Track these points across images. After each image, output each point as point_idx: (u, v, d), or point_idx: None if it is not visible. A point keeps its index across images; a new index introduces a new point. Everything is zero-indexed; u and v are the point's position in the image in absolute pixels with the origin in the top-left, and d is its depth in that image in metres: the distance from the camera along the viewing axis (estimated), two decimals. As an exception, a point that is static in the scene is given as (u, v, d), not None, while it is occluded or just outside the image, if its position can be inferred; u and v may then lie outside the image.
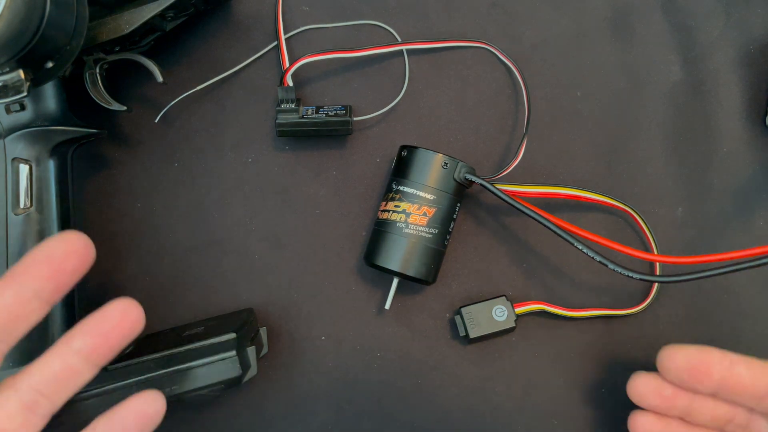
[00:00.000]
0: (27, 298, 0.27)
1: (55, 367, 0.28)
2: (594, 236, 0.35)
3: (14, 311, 0.27)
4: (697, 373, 0.32)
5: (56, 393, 0.28)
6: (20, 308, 0.27)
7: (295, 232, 0.40)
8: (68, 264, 0.27)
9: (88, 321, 0.28)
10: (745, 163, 0.40)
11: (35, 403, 0.28)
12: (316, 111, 0.39)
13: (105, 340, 0.28)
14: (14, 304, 0.27)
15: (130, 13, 0.35)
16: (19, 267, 0.27)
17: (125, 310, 0.29)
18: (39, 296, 0.27)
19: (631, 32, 0.42)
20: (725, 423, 0.33)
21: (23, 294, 0.27)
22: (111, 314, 0.29)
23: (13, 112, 0.35)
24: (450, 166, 0.36)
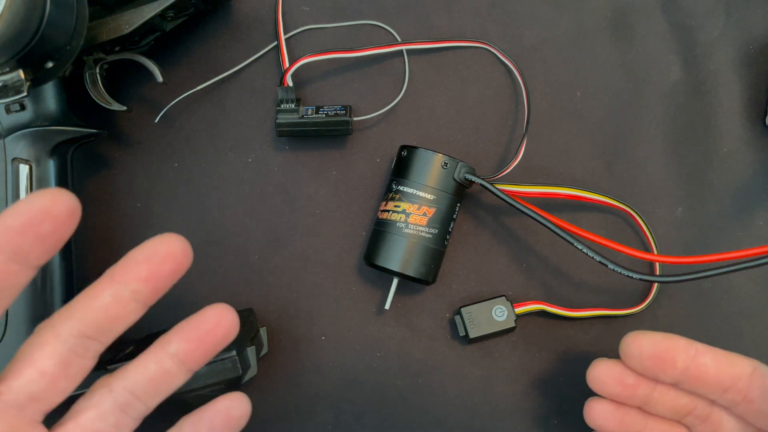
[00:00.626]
0: (125, 300, 0.27)
1: (151, 369, 0.28)
2: (594, 236, 0.35)
3: (112, 312, 0.27)
4: (661, 361, 0.31)
5: (149, 396, 0.28)
6: (118, 309, 0.27)
7: (295, 232, 0.40)
8: (166, 267, 0.26)
9: (184, 325, 0.28)
10: (745, 163, 0.40)
11: (129, 404, 0.28)
12: (316, 111, 0.39)
13: (200, 345, 0.28)
14: (112, 304, 0.27)
15: (130, 13, 0.35)
16: (118, 267, 0.27)
17: (221, 316, 0.28)
18: (136, 298, 0.27)
19: (631, 32, 0.42)
20: (685, 414, 0.33)
21: (121, 295, 0.27)
22: (207, 319, 0.28)
23: (13, 112, 0.35)
24: (450, 166, 0.36)
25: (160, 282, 0.27)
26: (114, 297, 0.26)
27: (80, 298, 0.27)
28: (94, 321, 0.27)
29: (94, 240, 0.40)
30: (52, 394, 0.27)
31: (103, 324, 0.27)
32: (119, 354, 0.35)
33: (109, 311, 0.27)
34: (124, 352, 0.35)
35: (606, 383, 0.32)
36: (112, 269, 0.27)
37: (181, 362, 0.28)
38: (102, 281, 0.27)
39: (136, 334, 0.39)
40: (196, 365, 0.28)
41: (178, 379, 0.28)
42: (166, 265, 0.26)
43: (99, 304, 0.26)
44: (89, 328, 0.27)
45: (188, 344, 0.28)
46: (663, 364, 0.31)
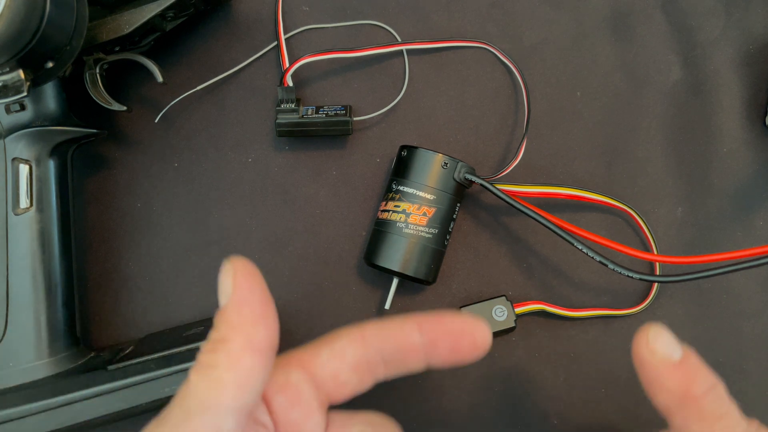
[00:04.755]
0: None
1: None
2: (594, 236, 0.35)
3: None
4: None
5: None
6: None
7: (295, 232, 0.40)
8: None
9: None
10: (745, 163, 0.40)
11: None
12: (316, 111, 0.39)
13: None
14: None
15: (130, 13, 0.35)
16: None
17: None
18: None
19: (631, 32, 0.42)
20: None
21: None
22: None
23: (13, 112, 0.35)
24: (450, 166, 0.36)
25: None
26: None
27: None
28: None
29: (94, 240, 0.40)
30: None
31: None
32: (119, 354, 0.35)
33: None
34: (124, 352, 0.35)
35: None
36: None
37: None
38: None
39: (136, 334, 0.39)
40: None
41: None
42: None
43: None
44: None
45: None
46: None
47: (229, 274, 0.24)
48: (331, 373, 0.27)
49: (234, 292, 0.24)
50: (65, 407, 0.32)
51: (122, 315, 0.39)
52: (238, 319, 0.24)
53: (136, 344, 0.36)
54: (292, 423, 0.26)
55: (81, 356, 0.35)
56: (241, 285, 0.24)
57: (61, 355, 0.34)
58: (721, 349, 0.39)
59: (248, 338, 0.23)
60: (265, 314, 0.24)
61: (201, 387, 0.23)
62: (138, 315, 0.39)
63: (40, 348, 0.34)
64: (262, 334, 0.24)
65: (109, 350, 0.36)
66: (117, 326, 0.39)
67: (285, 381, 0.26)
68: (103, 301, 0.39)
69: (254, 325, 0.23)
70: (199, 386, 0.23)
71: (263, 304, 0.24)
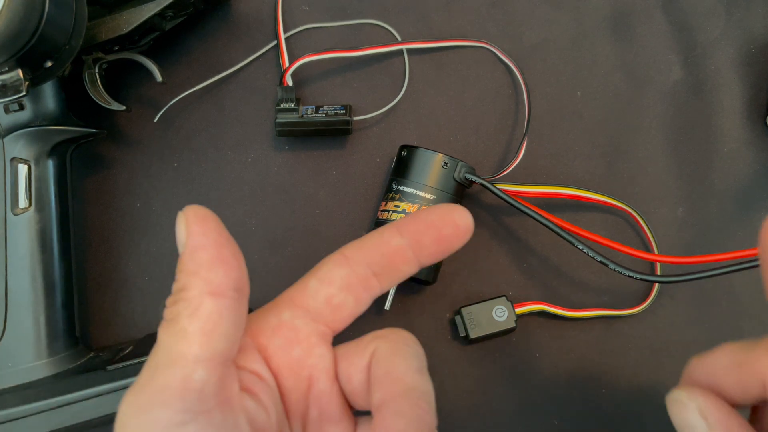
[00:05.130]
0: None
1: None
2: (594, 236, 0.35)
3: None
4: None
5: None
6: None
7: (295, 232, 0.40)
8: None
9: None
10: (746, 163, 0.40)
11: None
12: (316, 111, 0.39)
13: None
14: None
15: (129, 13, 0.35)
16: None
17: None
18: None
19: (632, 32, 0.42)
20: None
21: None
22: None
23: (11, 111, 0.34)
24: (450, 166, 0.36)
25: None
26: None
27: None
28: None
29: (93, 240, 0.39)
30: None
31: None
32: (119, 354, 0.35)
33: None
34: (124, 352, 0.35)
35: None
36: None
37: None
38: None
39: (135, 334, 0.39)
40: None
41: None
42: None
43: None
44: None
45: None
46: None
47: (182, 222, 0.23)
48: (324, 300, 0.26)
49: (188, 239, 0.23)
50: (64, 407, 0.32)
51: (121, 315, 0.39)
52: (194, 265, 0.23)
53: (135, 344, 0.36)
54: (295, 362, 0.25)
55: (80, 356, 0.35)
56: (193, 231, 0.23)
57: (60, 355, 0.34)
58: (722, 350, 0.39)
59: (206, 282, 0.22)
60: (222, 256, 0.23)
61: (166, 340, 0.22)
62: (137, 315, 0.39)
63: (39, 348, 0.34)
64: (221, 277, 0.23)
65: (109, 350, 0.36)
66: (116, 326, 0.39)
67: (278, 322, 0.26)
68: (103, 301, 0.39)
69: (210, 269, 0.22)
70: (164, 340, 0.22)
71: (219, 246, 0.23)
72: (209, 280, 0.22)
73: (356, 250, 0.27)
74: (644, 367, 0.39)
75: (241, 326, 0.23)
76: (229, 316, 0.22)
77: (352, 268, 0.26)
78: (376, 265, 0.27)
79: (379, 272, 0.27)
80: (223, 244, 0.23)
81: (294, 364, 0.25)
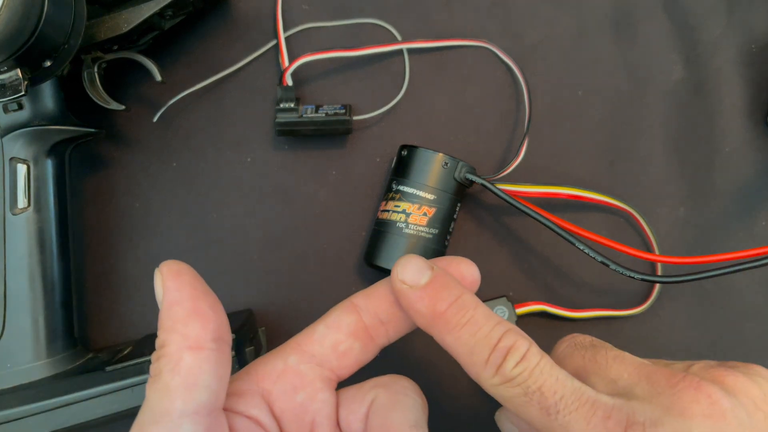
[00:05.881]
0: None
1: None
2: (595, 236, 0.35)
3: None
4: None
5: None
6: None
7: (294, 232, 0.40)
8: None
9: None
10: (747, 163, 0.40)
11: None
12: (316, 110, 0.38)
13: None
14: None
15: (129, 12, 0.35)
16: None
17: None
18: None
19: (633, 31, 0.41)
20: None
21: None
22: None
23: (10, 111, 0.34)
24: (450, 166, 0.36)
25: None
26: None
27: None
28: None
29: (92, 240, 0.39)
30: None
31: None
32: (117, 355, 0.35)
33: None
34: (123, 353, 0.35)
35: None
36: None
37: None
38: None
39: (134, 335, 0.38)
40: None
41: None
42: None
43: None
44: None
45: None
46: None
47: (158, 279, 0.24)
48: (331, 346, 0.27)
49: (164, 295, 0.23)
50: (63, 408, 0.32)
51: (120, 316, 0.39)
52: (170, 321, 0.23)
53: (134, 345, 0.36)
54: (298, 407, 0.26)
55: (79, 357, 0.35)
56: (168, 287, 0.23)
57: (59, 356, 0.34)
58: (724, 350, 0.39)
59: (183, 337, 0.23)
60: (198, 309, 0.23)
61: (152, 397, 0.22)
62: (136, 316, 0.39)
63: (38, 349, 0.34)
64: (198, 330, 0.23)
65: (107, 351, 0.36)
66: (115, 327, 0.39)
67: (283, 367, 0.26)
68: (102, 302, 0.39)
69: (186, 323, 0.23)
70: (150, 397, 0.22)
71: (194, 299, 0.23)
72: (186, 334, 0.23)
73: (365, 299, 0.27)
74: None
75: (225, 375, 0.24)
76: (210, 368, 0.23)
77: (360, 315, 0.27)
78: (384, 313, 0.27)
79: (387, 321, 0.27)
80: (198, 296, 0.24)
81: (297, 409, 0.26)
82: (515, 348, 0.24)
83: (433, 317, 0.26)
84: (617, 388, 0.25)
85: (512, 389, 0.24)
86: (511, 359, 0.24)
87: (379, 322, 0.27)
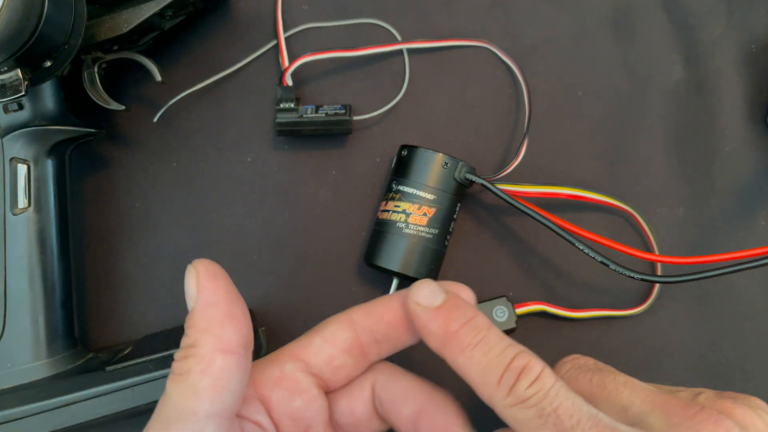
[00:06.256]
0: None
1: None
2: (595, 236, 0.35)
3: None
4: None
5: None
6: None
7: (294, 232, 0.40)
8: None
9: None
10: (747, 163, 0.40)
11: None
12: (316, 110, 0.38)
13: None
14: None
15: (129, 12, 0.35)
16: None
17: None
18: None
19: (633, 31, 0.41)
20: None
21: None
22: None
23: (10, 111, 0.34)
24: (450, 166, 0.36)
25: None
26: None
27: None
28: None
29: (92, 240, 0.39)
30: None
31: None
32: (117, 355, 0.35)
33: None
34: (123, 353, 0.35)
35: None
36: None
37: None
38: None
39: (134, 335, 0.38)
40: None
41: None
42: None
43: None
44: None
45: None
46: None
47: (192, 277, 0.24)
48: (326, 359, 0.27)
49: (199, 295, 0.24)
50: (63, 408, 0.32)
51: (121, 315, 0.39)
52: (205, 322, 0.23)
53: (134, 345, 0.36)
54: (295, 413, 0.26)
55: (79, 357, 0.35)
56: (205, 287, 0.24)
57: (59, 356, 0.34)
58: (724, 350, 0.39)
59: (218, 340, 0.23)
60: (233, 313, 0.24)
61: (176, 395, 0.23)
62: (136, 315, 0.39)
63: (38, 349, 0.34)
64: (231, 334, 0.23)
65: (108, 351, 0.36)
66: (115, 327, 0.39)
67: (280, 374, 0.27)
68: (102, 302, 0.39)
69: (222, 326, 0.23)
70: (174, 395, 0.23)
71: (230, 304, 0.24)
72: (221, 337, 0.23)
73: (364, 316, 0.28)
74: (644, 367, 0.39)
75: (246, 380, 0.24)
76: (238, 373, 0.23)
77: (357, 332, 0.27)
78: (380, 333, 0.27)
79: (381, 340, 0.28)
80: (233, 301, 0.24)
81: (295, 415, 0.26)
82: (528, 368, 0.25)
83: (446, 337, 0.26)
84: (629, 417, 0.25)
85: (526, 411, 0.24)
86: (524, 379, 0.24)
87: (374, 341, 0.27)
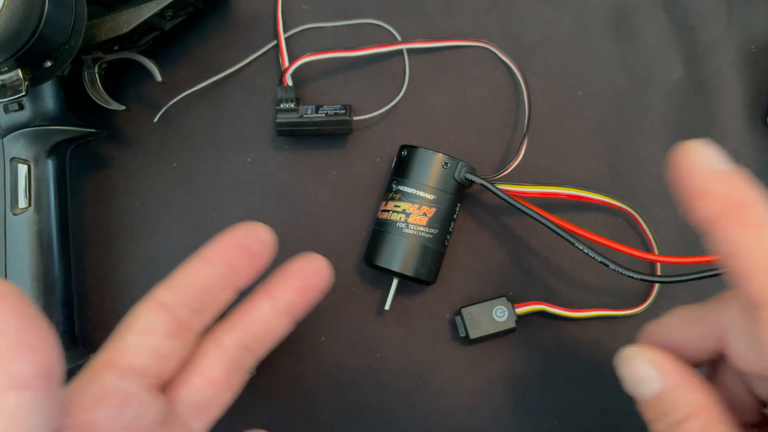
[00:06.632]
0: (279, 312, 0.28)
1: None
2: (595, 236, 0.35)
3: (269, 324, 0.28)
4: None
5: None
6: (274, 321, 0.28)
7: (294, 232, 0.40)
8: (315, 281, 0.28)
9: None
10: (746, 163, 0.40)
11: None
12: (316, 110, 0.38)
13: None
14: (269, 316, 0.28)
15: (129, 12, 0.35)
16: (272, 282, 0.28)
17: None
18: (289, 311, 0.28)
19: (633, 31, 0.42)
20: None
21: (278, 307, 0.28)
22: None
23: (11, 111, 0.34)
24: (450, 166, 0.36)
25: (310, 295, 0.28)
26: (271, 309, 0.27)
27: (238, 311, 0.28)
28: (254, 332, 0.27)
29: (92, 240, 0.39)
30: (216, 404, 0.27)
31: (261, 335, 0.28)
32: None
33: (267, 323, 0.28)
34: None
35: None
36: (267, 284, 0.27)
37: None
38: (258, 295, 0.28)
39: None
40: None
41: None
42: (315, 279, 0.28)
43: (258, 316, 0.27)
44: (249, 338, 0.27)
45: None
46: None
47: None
48: (149, 353, 0.25)
49: None
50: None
51: (120, 316, 0.38)
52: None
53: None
54: (130, 425, 0.24)
55: (79, 358, 0.35)
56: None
57: (59, 355, 0.34)
58: (723, 350, 0.39)
59: (7, 375, 0.20)
60: (25, 341, 0.20)
61: None
62: (137, 315, 0.39)
63: (38, 349, 0.33)
64: (23, 366, 0.20)
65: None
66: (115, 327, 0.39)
67: (101, 390, 0.24)
68: (102, 302, 0.39)
69: (11, 358, 0.20)
70: None
71: (20, 331, 0.20)
72: (10, 371, 0.20)
73: (170, 293, 0.27)
74: (645, 367, 0.39)
75: (53, 414, 0.21)
76: (38, 409, 0.20)
77: (172, 312, 0.26)
78: (196, 301, 0.27)
79: (201, 308, 0.27)
80: (27, 327, 0.20)
81: (130, 427, 0.24)
82: None
83: (731, 207, 0.22)
84: None
85: None
86: None
87: (193, 311, 0.26)
